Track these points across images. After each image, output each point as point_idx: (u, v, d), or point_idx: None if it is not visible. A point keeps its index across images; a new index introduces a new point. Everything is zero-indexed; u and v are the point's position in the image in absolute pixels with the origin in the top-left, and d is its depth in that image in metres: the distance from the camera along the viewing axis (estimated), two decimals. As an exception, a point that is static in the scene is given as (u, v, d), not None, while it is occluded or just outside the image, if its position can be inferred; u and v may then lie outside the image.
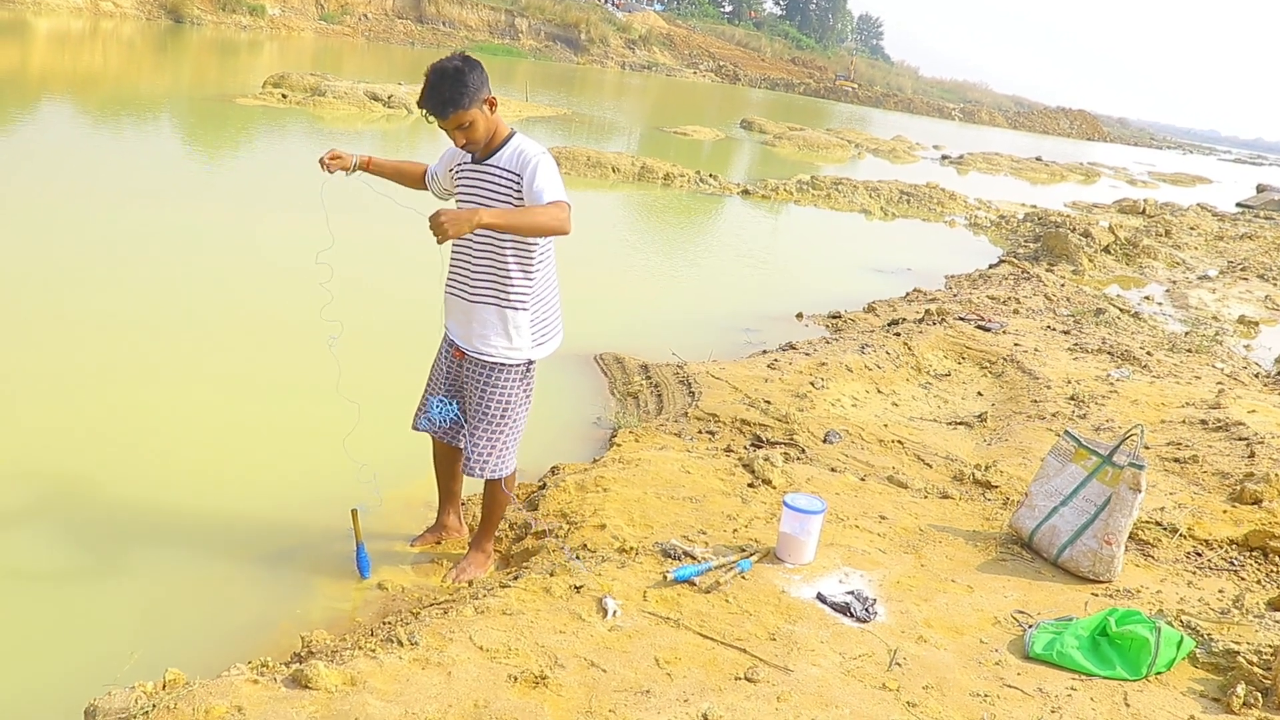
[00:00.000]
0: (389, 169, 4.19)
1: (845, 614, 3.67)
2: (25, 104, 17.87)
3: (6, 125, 15.14)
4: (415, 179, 4.18)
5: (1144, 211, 22.81)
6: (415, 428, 4.28)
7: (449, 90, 3.57)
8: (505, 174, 3.71)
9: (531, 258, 3.77)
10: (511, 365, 3.89)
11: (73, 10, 42.43)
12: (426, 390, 4.23)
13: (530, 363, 3.96)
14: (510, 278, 3.77)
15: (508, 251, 3.75)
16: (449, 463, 4.34)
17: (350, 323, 7.25)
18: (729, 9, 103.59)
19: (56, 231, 9.02)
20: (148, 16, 45.86)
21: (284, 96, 22.13)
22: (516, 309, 3.81)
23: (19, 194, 10.21)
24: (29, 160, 12.44)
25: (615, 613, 3.48)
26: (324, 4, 58.31)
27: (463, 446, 4.15)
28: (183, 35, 42.04)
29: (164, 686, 2.93)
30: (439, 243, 3.38)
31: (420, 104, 3.66)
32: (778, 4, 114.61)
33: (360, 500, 4.28)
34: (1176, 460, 5.84)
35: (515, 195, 3.70)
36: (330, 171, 4.03)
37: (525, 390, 3.99)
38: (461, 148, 3.76)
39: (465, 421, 4.09)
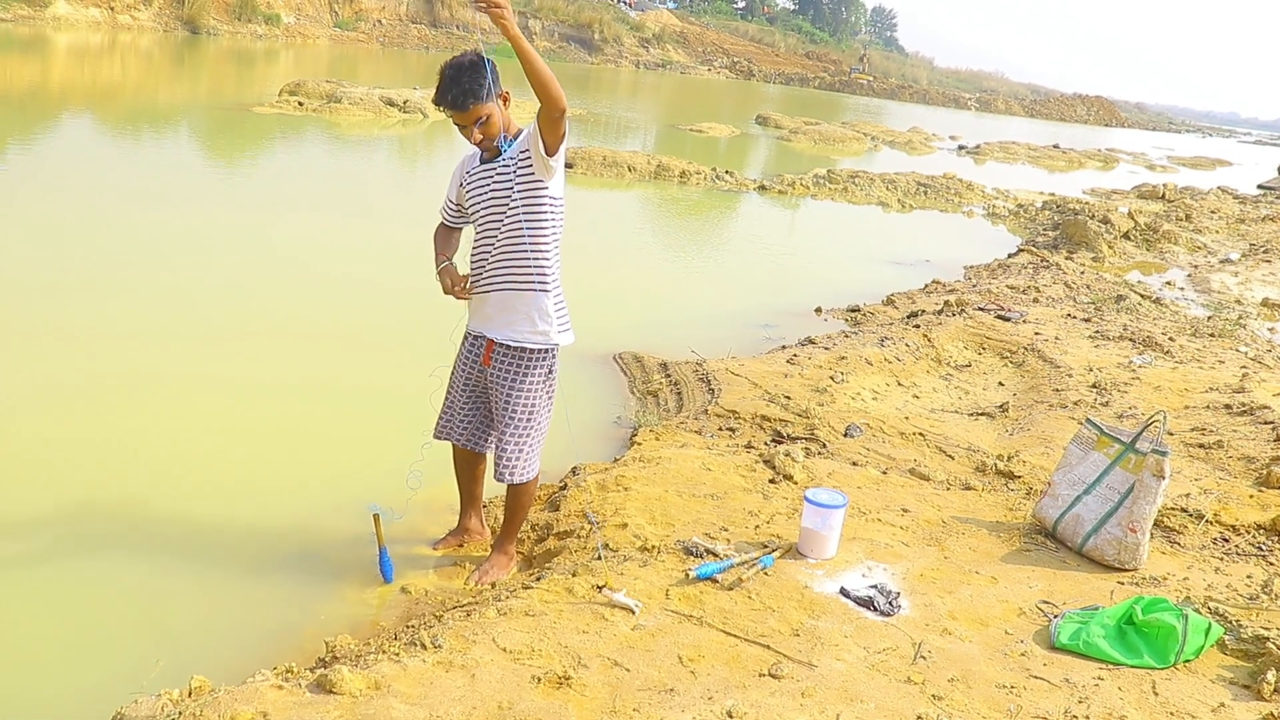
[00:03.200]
0: (453, 241, 4.14)
1: (869, 608, 3.65)
2: (47, 116, 18.01)
3: (29, 137, 15.26)
4: (454, 237, 4.15)
5: (1164, 196, 22.65)
6: (437, 437, 4.29)
7: (468, 82, 3.61)
8: (516, 156, 3.77)
9: (545, 239, 3.82)
10: (538, 352, 3.91)
11: (91, 24, 42.72)
12: (447, 399, 4.24)
13: (554, 353, 3.98)
14: (530, 261, 3.81)
15: (524, 236, 3.78)
16: (470, 467, 4.35)
17: (371, 322, 7.32)
18: (742, 5, 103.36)
19: (77, 239, 9.09)
20: (165, 28, 46.12)
21: (300, 104, 22.22)
22: (538, 292, 3.84)
23: (40, 202, 10.29)
24: (51, 170, 12.54)
25: (635, 609, 3.48)
26: (338, 11, 58.48)
27: (487, 452, 4.16)
28: (199, 46, 42.27)
29: (189, 694, 2.95)
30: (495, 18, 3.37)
31: (438, 100, 3.67)
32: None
33: (383, 504, 4.30)
34: (1201, 446, 5.79)
35: (526, 171, 3.75)
36: (469, 297, 3.97)
37: (549, 389, 4.02)
38: (478, 144, 3.78)
39: (495, 427, 4.10)
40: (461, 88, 3.61)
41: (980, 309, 9.14)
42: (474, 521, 4.52)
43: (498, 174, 3.80)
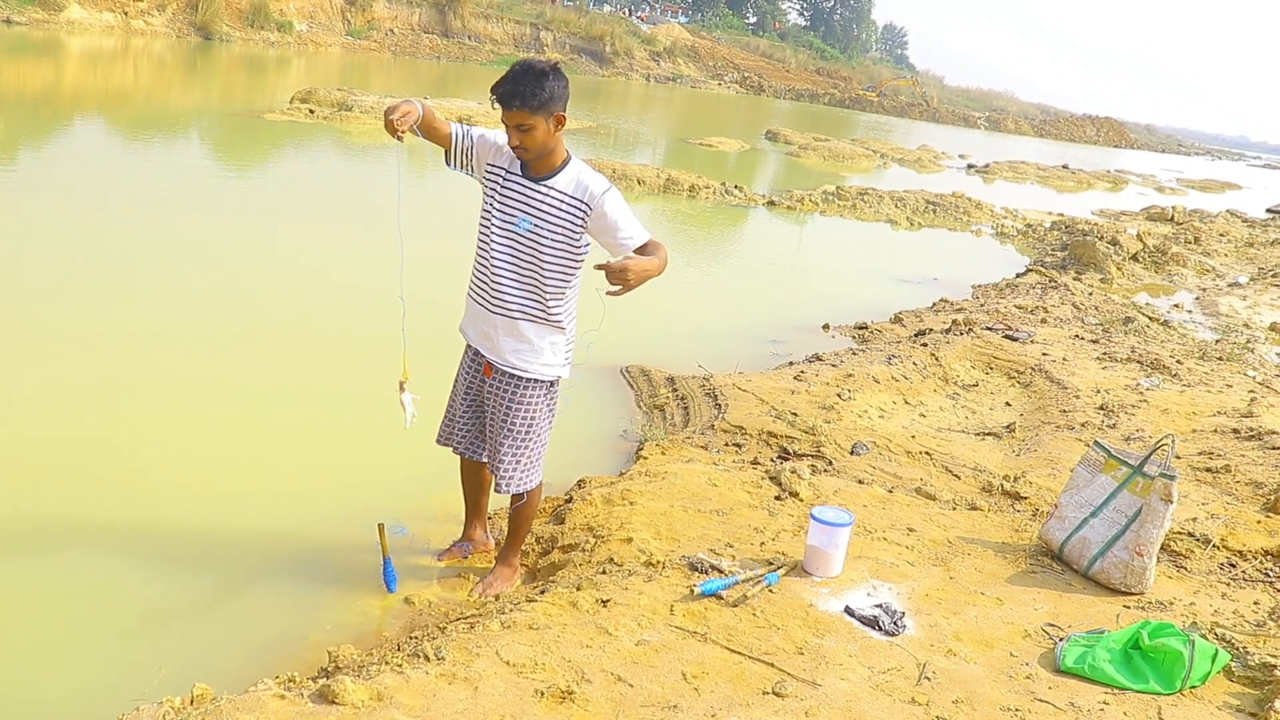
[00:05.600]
0: (436, 123, 3.74)
1: (873, 627, 3.64)
2: (59, 120, 18.09)
3: (41, 140, 15.33)
4: (443, 138, 3.77)
5: (1172, 218, 22.60)
6: (439, 443, 4.27)
7: (527, 85, 3.48)
8: (567, 199, 3.66)
9: (571, 281, 3.79)
10: (541, 381, 3.89)
11: (104, 29, 42.95)
12: (449, 407, 4.21)
13: (557, 379, 3.97)
14: (549, 297, 3.77)
15: (549, 274, 3.73)
16: (474, 476, 4.35)
17: (378, 330, 7.31)
18: (753, 20, 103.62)
19: (87, 243, 9.12)
20: (178, 34, 46.35)
21: (311, 111, 22.29)
22: (554, 327, 3.84)
23: (52, 206, 10.32)
24: (63, 174, 12.58)
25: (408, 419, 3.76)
26: (351, 20, 58.74)
27: (487, 462, 4.15)
28: (212, 52, 42.45)
29: (191, 701, 2.95)
30: (616, 294, 3.50)
31: (494, 87, 3.54)
32: (802, 15, 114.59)
33: (389, 518, 4.29)
34: (1209, 470, 5.77)
35: (576, 222, 3.67)
36: (401, 135, 3.53)
37: (550, 405, 4.01)
38: (512, 149, 3.63)
39: (487, 438, 4.08)
40: (517, 86, 3.48)
41: (988, 328, 9.13)
42: (479, 533, 4.52)
43: (546, 203, 3.69)
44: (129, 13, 44.98)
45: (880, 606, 3.76)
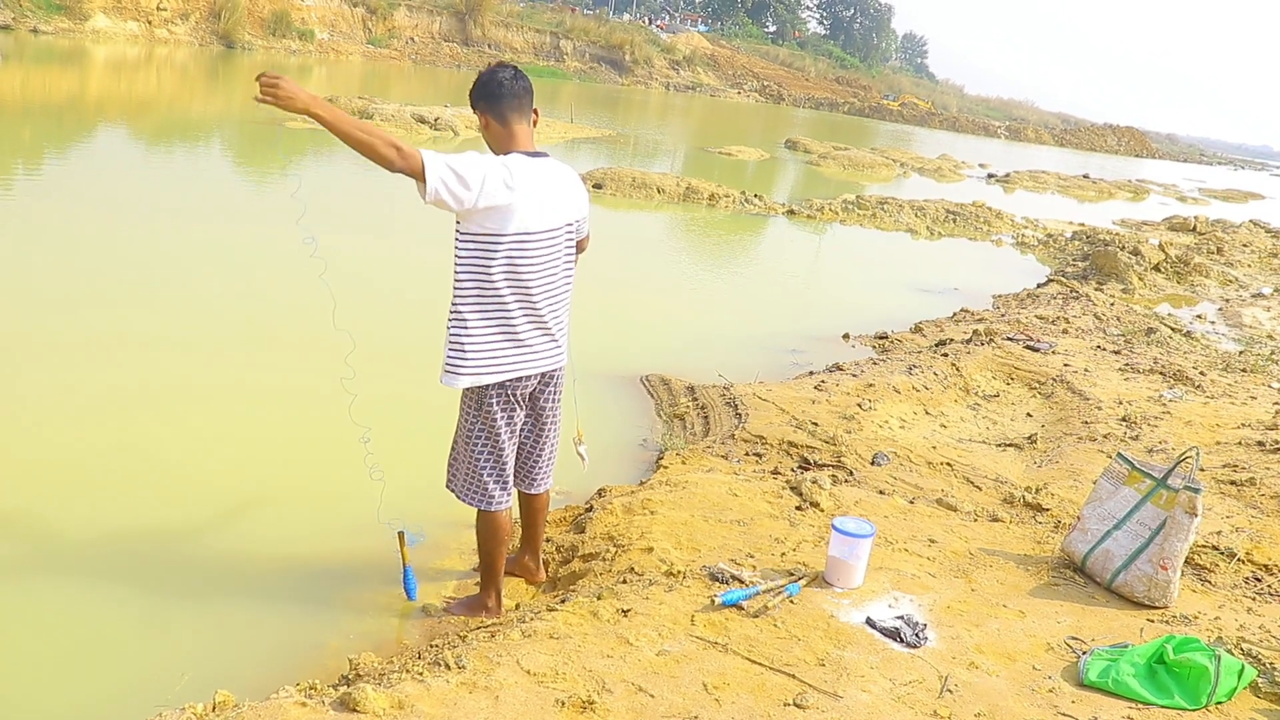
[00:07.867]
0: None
1: (895, 639, 3.62)
2: (83, 128, 18.24)
3: (66, 148, 15.45)
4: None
5: (1195, 229, 22.47)
6: None
7: None
8: None
9: (457, 272, 3.63)
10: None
11: (129, 38, 43.31)
12: None
13: (467, 389, 3.75)
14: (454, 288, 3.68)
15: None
16: (526, 498, 4.24)
17: (396, 338, 7.34)
18: (773, 29, 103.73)
19: (104, 250, 9.19)
20: (200, 43, 46.68)
21: (332, 120, 22.35)
22: (448, 320, 3.69)
23: (72, 214, 10.40)
24: (86, 182, 12.68)
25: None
26: (371, 28, 59.01)
27: (531, 489, 4.16)
28: (234, 60, 42.73)
29: (213, 708, 2.96)
30: (261, 99, 3.14)
31: None
32: (821, 24, 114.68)
33: (409, 524, 4.30)
34: (1233, 483, 5.72)
35: None
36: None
37: (473, 420, 3.82)
38: None
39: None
40: None
41: (1009, 339, 9.09)
42: (529, 560, 4.42)
43: None
44: (153, 22, 45.34)
45: (902, 618, 3.74)
